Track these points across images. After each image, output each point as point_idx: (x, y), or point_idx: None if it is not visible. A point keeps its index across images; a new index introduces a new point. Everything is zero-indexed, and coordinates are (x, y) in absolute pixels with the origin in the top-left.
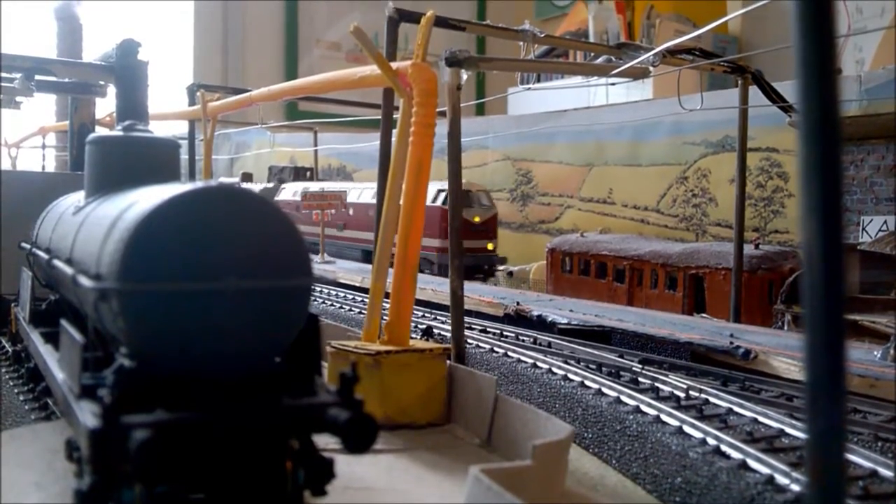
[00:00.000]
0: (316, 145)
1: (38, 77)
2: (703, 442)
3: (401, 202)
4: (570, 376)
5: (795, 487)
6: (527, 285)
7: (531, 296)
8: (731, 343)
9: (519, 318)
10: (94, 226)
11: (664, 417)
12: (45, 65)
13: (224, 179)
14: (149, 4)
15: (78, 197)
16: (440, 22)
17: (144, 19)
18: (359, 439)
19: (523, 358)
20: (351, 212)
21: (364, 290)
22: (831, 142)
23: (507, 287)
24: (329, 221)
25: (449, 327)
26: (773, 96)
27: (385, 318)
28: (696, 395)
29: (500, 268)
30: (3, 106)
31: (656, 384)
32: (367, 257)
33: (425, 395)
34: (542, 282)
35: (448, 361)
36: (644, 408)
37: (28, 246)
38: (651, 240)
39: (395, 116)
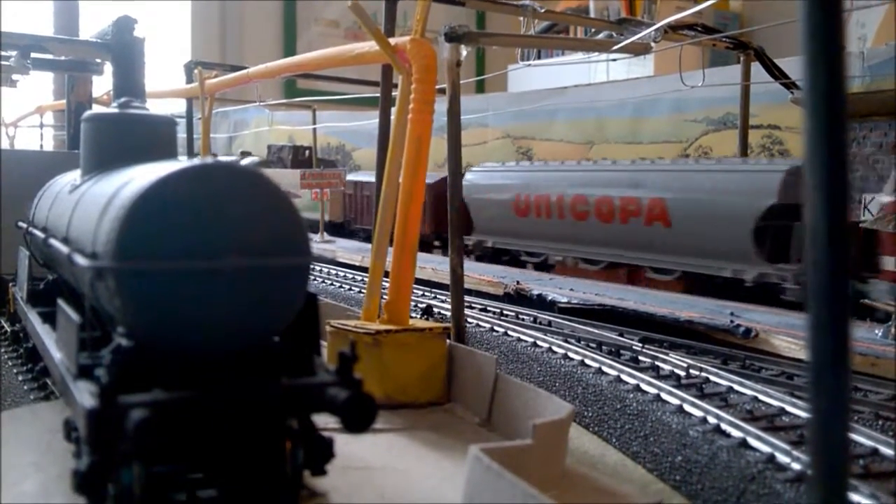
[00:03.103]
0: (314, 123)
1: (34, 55)
2: (704, 420)
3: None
4: (571, 355)
5: (796, 466)
6: None
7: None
8: (732, 322)
9: (519, 297)
10: (89, 204)
11: (664, 396)
12: (42, 42)
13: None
14: None
15: (74, 175)
16: None
17: None
18: (358, 419)
19: (523, 337)
20: None
21: (363, 270)
22: (837, 116)
23: None
24: None
25: (449, 306)
26: (776, 73)
27: (385, 297)
28: (697, 373)
29: None
30: (0, 84)
31: (656, 363)
32: None
33: (425, 374)
34: None
35: (448, 340)
36: (644, 386)
37: (25, 225)
38: None
39: (394, 94)
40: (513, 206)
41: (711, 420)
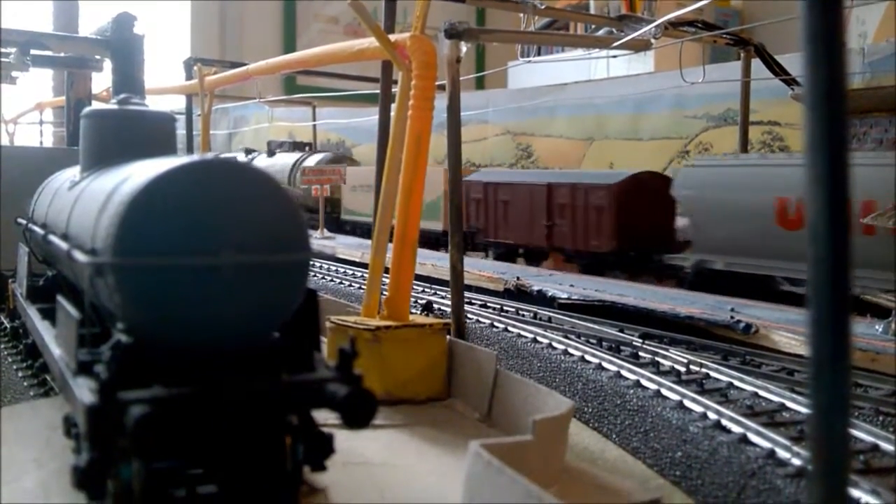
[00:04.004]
0: (314, 120)
1: (33, 52)
2: (704, 416)
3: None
4: (571, 351)
5: (796, 461)
6: None
7: (531, 271)
8: (732, 318)
9: (519, 293)
10: (89, 200)
11: (665, 392)
12: (41, 39)
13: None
14: None
15: (74, 172)
16: None
17: None
18: (358, 415)
19: (523, 333)
20: None
21: (363, 266)
22: (837, 113)
23: None
24: None
25: (449, 302)
26: (776, 69)
27: (385, 293)
28: (697, 369)
29: None
30: (0, 81)
31: (657, 359)
32: None
33: (425, 370)
34: None
35: (448, 336)
36: (644, 382)
37: (24, 221)
38: None
39: (394, 90)
40: (774, 215)
41: (712, 416)
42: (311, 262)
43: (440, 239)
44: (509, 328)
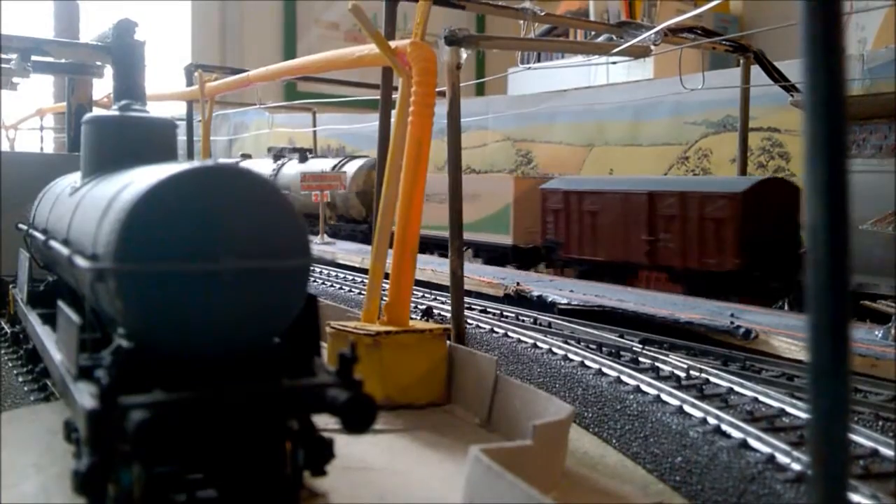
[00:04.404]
0: (315, 126)
1: (34, 58)
2: (704, 421)
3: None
4: (571, 356)
5: (796, 466)
6: None
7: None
8: (732, 323)
9: (519, 299)
10: (90, 206)
11: (664, 397)
12: (42, 45)
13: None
14: None
15: (75, 177)
16: (439, 0)
17: None
18: (358, 420)
19: (523, 338)
20: None
21: (363, 271)
22: (837, 119)
23: None
24: None
25: (449, 307)
26: (776, 75)
27: (385, 298)
28: (697, 374)
29: None
30: (1, 87)
31: (657, 364)
32: None
33: (425, 375)
34: None
35: (448, 342)
36: (644, 387)
37: (25, 227)
38: None
39: (394, 96)
40: None
41: (712, 421)
42: (312, 268)
43: (509, 254)
44: (509, 333)
